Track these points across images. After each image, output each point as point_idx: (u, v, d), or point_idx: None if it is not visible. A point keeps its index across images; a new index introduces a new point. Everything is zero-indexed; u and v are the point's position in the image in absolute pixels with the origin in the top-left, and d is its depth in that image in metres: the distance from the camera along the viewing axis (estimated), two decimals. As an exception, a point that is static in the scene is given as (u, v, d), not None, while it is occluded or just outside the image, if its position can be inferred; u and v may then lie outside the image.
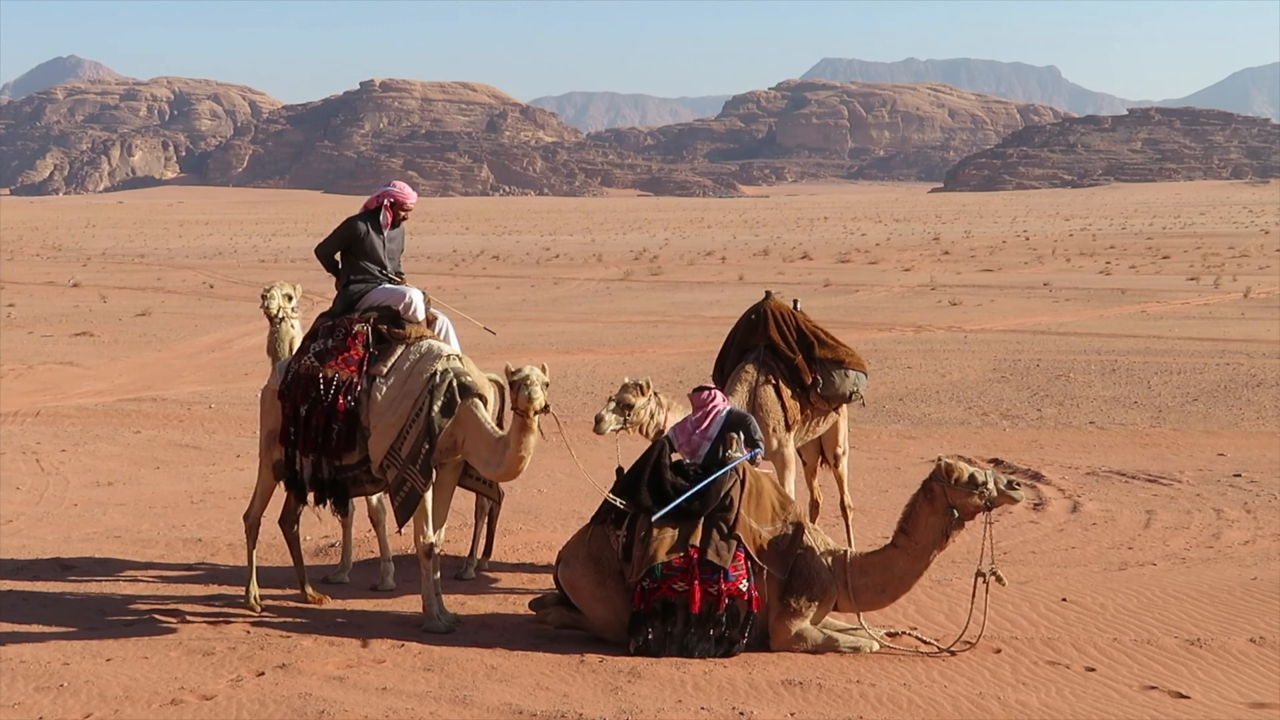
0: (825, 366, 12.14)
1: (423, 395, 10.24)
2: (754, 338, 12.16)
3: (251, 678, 9.02)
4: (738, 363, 12.10)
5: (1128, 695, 8.75)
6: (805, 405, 12.08)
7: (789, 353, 12.04)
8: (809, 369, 12.07)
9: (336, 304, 11.12)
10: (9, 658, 9.46)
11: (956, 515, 9.48)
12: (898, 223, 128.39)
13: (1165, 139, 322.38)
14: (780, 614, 9.65)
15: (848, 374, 12.24)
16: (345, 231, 11.21)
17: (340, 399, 10.41)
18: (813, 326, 12.36)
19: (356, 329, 10.73)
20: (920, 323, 35.44)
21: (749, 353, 12.10)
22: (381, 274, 11.18)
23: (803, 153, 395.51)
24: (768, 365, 11.96)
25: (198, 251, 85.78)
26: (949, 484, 9.49)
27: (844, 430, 12.82)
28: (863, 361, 12.57)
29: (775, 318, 12.19)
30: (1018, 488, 9.55)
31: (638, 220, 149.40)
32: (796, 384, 12.01)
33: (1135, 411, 21.30)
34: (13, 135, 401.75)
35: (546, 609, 10.13)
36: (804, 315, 12.47)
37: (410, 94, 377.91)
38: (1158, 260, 61.32)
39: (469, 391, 10.30)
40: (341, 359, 10.59)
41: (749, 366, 11.94)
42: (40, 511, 14.94)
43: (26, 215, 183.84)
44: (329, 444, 10.47)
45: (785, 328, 12.15)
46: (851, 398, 12.42)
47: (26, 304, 44.78)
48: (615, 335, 33.83)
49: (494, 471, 10.32)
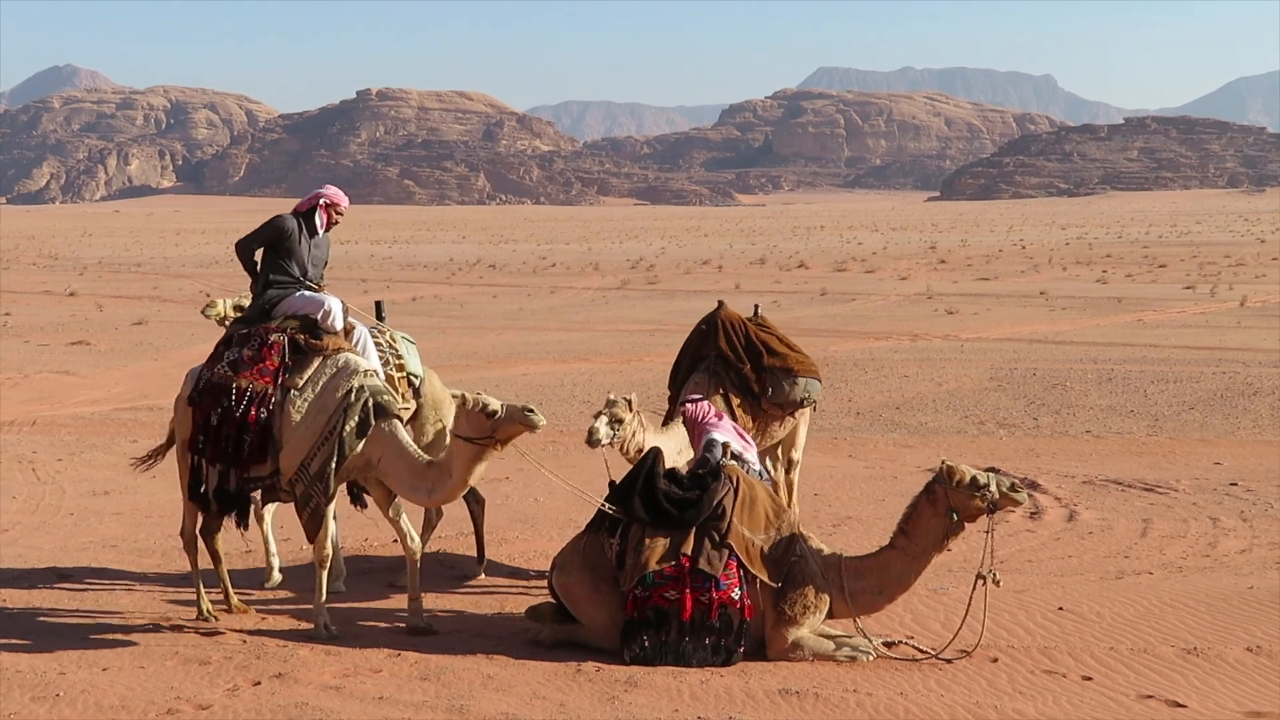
0: (775, 374, 12.42)
1: (336, 412, 10.08)
2: (705, 347, 12.51)
3: (248, 687, 9.01)
4: (690, 372, 12.43)
5: (1124, 704, 8.75)
6: (757, 413, 12.35)
7: (738, 362, 12.32)
8: (757, 377, 12.33)
9: (251, 309, 10.82)
10: (5, 667, 9.45)
11: (957, 518, 9.50)
12: (894, 231, 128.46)
13: (1161, 148, 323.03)
14: (776, 622, 9.65)
15: (797, 381, 12.52)
16: (272, 228, 10.87)
17: (252, 410, 10.17)
18: (763, 335, 12.62)
19: (273, 339, 10.44)
20: (917, 331, 35.43)
21: (700, 362, 12.46)
22: (302, 279, 10.83)
23: (799, 161, 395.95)
24: (718, 375, 12.28)
25: (194, 260, 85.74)
26: (951, 486, 9.50)
27: (801, 437, 13.06)
28: (814, 368, 12.85)
29: (725, 327, 12.51)
30: (1020, 490, 9.54)
31: (634, 229, 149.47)
32: (747, 393, 12.30)
33: (1131, 420, 21.30)
34: (9, 144, 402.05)
35: (541, 625, 10.11)
36: (757, 324, 12.78)
37: (406, 103, 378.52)
38: (1154, 269, 61.34)
39: (385, 412, 10.17)
40: (256, 369, 10.30)
41: (699, 377, 12.27)
42: (36, 521, 14.92)
43: (23, 224, 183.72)
44: (239, 455, 10.23)
45: (734, 337, 12.46)
46: (804, 403, 12.66)
47: (23, 313, 44.75)
48: (612, 344, 33.82)
49: (422, 498, 10.26)
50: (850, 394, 24.00)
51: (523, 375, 27.36)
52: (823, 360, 28.62)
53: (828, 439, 19.94)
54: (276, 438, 10.18)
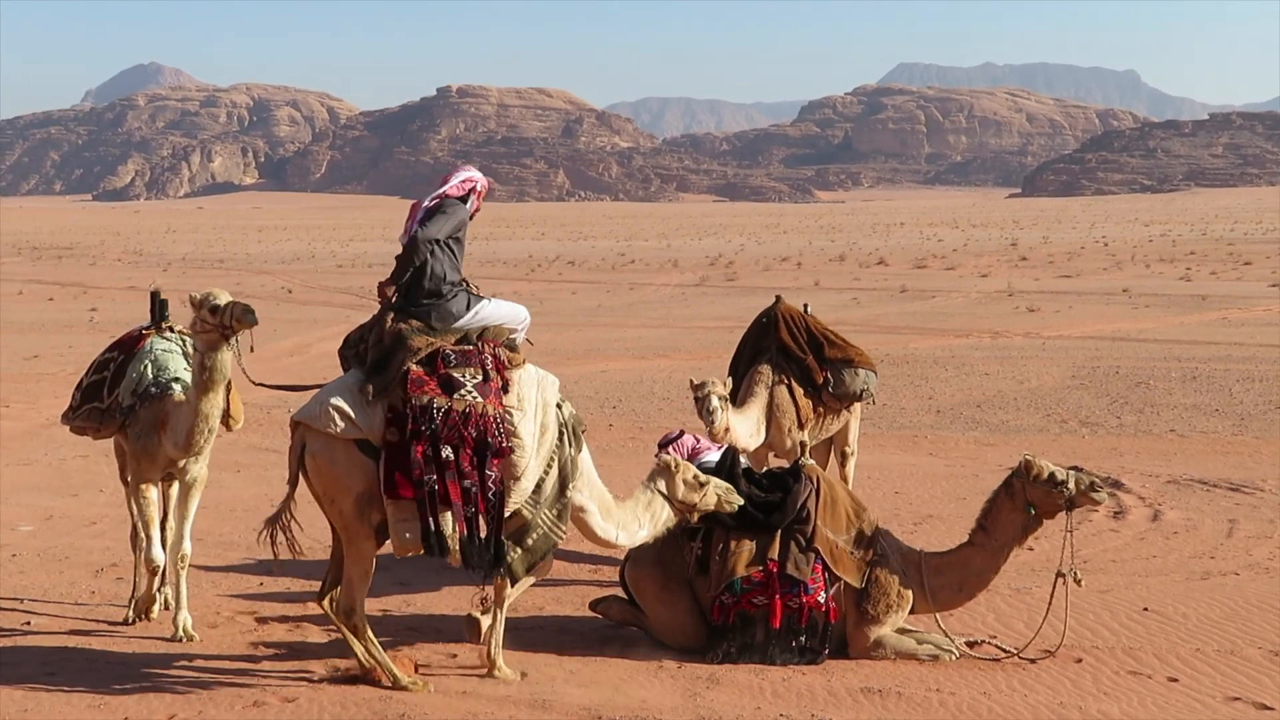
0: (835, 366, 12.51)
1: (555, 435, 9.05)
2: (766, 340, 12.54)
3: (334, 681, 9.07)
4: (751, 364, 12.46)
5: (1211, 706, 8.67)
6: (817, 404, 12.43)
7: (800, 353, 12.41)
8: (820, 368, 12.41)
9: (434, 315, 9.03)
10: (97, 660, 9.59)
11: (1035, 513, 9.46)
12: (975, 228, 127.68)
13: (1247, 143, 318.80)
14: (858, 621, 9.63)
15: (858, 373, 12.60)
16: (457, 217, 9.28)
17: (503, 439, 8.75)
18: (822, 328, 12.72)
19: (497, 356, 8.99)
20: (997, 329, 35.23)
21: (762, 354, 12.47)
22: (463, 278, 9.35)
23: (879, 158, 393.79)
24: (780, 366, 12.34)
25: (276, 256, 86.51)
26: (1029, 480, 9.47)
27: (854, 430, 13.12)
28: (872, 361, 12.96)
29: (786, 320, 12.57)
30: (1100, 489, 9.44)
31: (713, 226, 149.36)
32: (808, 384, 12.37)
33: (1216, 419, 21.08)
34: (95, 141, 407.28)
35: (609, 604, 10.17)
36: (814, 318, 12.85)
37: (486, 100, 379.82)
38: (1239, 266, 60.63)
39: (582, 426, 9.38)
40: (495, 393, 8.84)
41: (763, 367, 12.32)
42: (122, 514, 14.99)
43: (108, 221, 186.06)
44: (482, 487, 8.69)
45: (796, 329, 12.53)
46: (862, 396, 12.75)
47: (109, 309, 45.28)
48: (691, 340, 33.83)
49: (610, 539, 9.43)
50: (931, 391, 23.87)
51: (601, 372, 27.40)
52: (903, 358, 28.54)
53: (908, 437, 19.86)
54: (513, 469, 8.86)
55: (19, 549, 13.37)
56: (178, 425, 9.82)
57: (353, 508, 8.74)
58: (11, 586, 11.81)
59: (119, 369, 10.24)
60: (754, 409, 12.00)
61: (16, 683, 9.01)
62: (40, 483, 17.21)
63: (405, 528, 8.66)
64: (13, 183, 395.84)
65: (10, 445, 19.88)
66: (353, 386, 8.83)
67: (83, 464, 18.05)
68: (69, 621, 10.72)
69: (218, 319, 9.47)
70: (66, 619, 10.79)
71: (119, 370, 10.24)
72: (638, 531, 9.44)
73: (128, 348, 10.40)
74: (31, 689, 8.91)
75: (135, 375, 10.15)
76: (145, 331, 10.58)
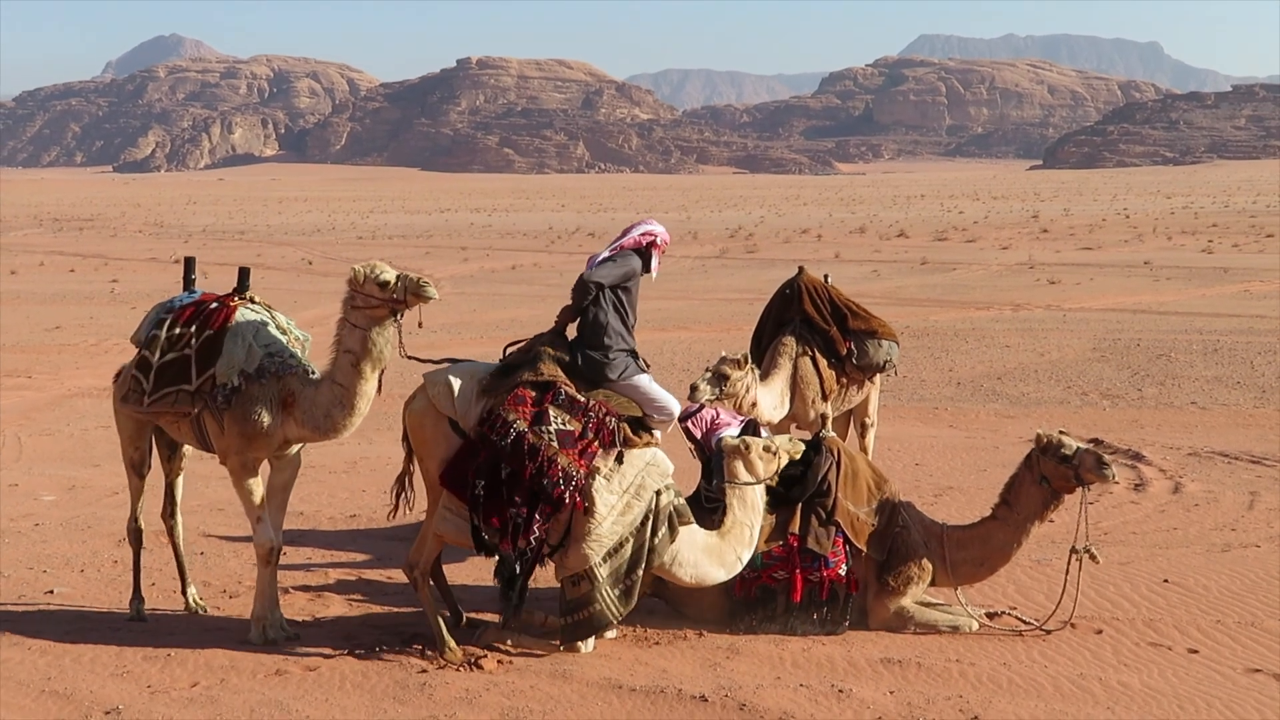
0: (859, 337, 12.52)
1: (636, 515, 9.00)
2: (789, 311, 12.53)
3: (355, 651, 9.11)
4: (775, 336, 12.46)
5: (1231, 678, 8.67)
6: (840, 375, 12.45)
7: (824, 325, 12.41)
8: (843, 340, 12.42)
9: (583, 363, 9.20)
10: (120, 628, 9.64)
11: (1049, 486, 9.45)
12: (995, 200, 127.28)
13: (1270, 115, 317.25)
14: (879, 593, 9.63)
15: (881, 344, 12.61)
16: (628, 266, 9.31)
17: (562, 490, 8.79)
18: (845, 299, 12.71)
19: (609, 423, 9.00)
20: (1018, 301, 35.16)
21: (785, 326, 12.47)
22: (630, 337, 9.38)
23: (900, 130, 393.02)
24: (804, 337, 12.33)
25: (296, 228, 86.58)
26: (1042, 454, 9.46)
27: (874, 402, 13.16)
28: (895, 333, 12.95)
29: (809, 291, 12.55)
30: (1108, 468, 9.36)
31: (733, 198, 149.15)
32: (832, 355, 12.39)
33: (1238, 392, 21.03)
34: (116, 113, 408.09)
35: None
36: (836, 289, 12.82)
37: (506, 71, 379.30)
38: (1261, 239, 60.36)
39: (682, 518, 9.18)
40: (580, 448, 8.89)
41: (787, 338, 12.30)
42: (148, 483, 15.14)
43: (129, 192, 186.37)
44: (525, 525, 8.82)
45: (819, 301, 12.52)
46: (885, 367, 12.78)
47: (130, 280, 45.41)
48: (711, 312, 33.83)
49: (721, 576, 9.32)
50: (951, 364, 23.83)
51: (622, 343, 27.35)
52: (923, 330, 28.49)
53: (929, 409, 19.85)
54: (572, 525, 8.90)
55: (42, 518, 13.44)
56: (313, 406, 9.19)
57: (434, 471, 9.12)
58: (35, 555, 11.88)
59: (206, 346, 9.35)
60: (778, 381, 11.99)
61: (40, 651, 9.08)
62: (63, 453, 17.29)
63: (449, 518, 9.08)
64: (34, 154, 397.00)
65: (33, 416, 19.97)
66: (477, 374, 9.18)
67: (105, 434, 18.11)
68: (92, 590, 10.78)
69: (387, 294, 8.92)
70: (90, 588, 10.85)
71: (206, 347, 9.35)
72: (750, 536, 9.36)
73: (208, 322, 9.45)
74: (55, 657, 8.98)
75: (240, 353, 9.28)
76: (230, 303, 9.66)
